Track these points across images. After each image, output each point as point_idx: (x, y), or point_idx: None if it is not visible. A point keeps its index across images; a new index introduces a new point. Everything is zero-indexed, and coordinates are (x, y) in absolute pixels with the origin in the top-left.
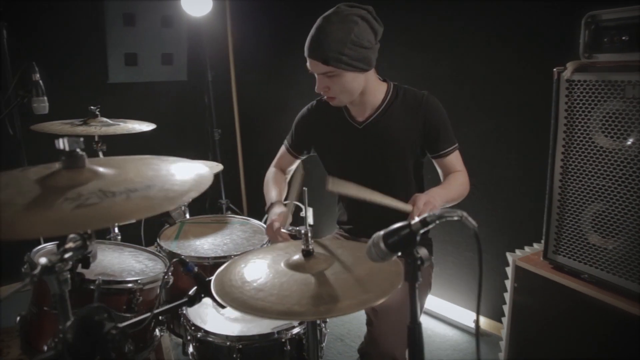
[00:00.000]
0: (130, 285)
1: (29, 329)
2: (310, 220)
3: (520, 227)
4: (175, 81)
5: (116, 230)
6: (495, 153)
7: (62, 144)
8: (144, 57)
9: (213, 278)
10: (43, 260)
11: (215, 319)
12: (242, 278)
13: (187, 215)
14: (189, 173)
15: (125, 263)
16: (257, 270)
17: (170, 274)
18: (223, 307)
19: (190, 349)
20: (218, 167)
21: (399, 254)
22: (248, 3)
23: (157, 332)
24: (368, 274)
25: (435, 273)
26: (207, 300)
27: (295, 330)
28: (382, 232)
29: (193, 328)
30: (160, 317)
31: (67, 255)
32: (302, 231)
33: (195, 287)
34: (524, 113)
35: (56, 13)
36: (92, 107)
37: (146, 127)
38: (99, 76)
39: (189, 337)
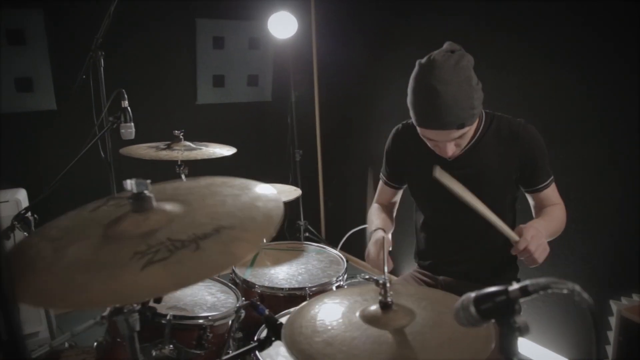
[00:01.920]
0: (201, 321)
1: (104, 356)
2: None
3: (628, 270)
4: (260, 102)
5: None
6: (596, 184)
7: (129, 185)
8: (231, 78)
9: (285, 323)
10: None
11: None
12: (313, 326)
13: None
14: (257, 203)
15: (197, 296)
16: (330, 318)
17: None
18: None
19: None
20: (297, 191)
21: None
22: (334, 23)
23: None
24: (454, 335)
25: (524, 311)
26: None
27: None
28: (473, 295)
29: None
30: None
31: None
32: (380, 281)
33: (265, 331)
34: (634, 140)
35: (149, 39)
36: (176, 131)
37: (227, 151)
38: (188, 98)
39: None
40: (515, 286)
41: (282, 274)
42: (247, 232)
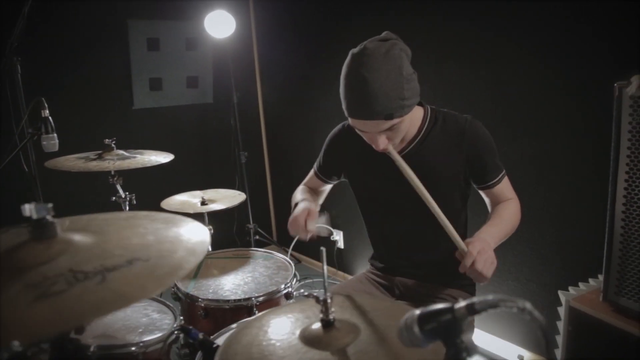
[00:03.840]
0: (132, 349)
1: None
2: (341, 244)
3: (575, 258)
4: (201, 104)
5: None
6: (544, 175)
7: (28, 210)
8: (168, 81)
9: (219, 349)
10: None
11: None
12: (249, 352)
13: (209, 248)
14: (181, 237)
15: (130, 318)
16: (270, 340)
17: (180, 327)
18: None
19: None
20: (241, 196)
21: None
22: (273, 23)
23: None
24: (401, 352)
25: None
26: None
27: None
28: (417, 313)
29: None
30: None
31: None
32: (321, 298)
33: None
34: (577, 132)
35: (78, 43)
36: (107, 140)
37: (164, 158)
38: (124, 103)
39: None
40: (461, 304)
41: (228, 284)
42: (163, 265)
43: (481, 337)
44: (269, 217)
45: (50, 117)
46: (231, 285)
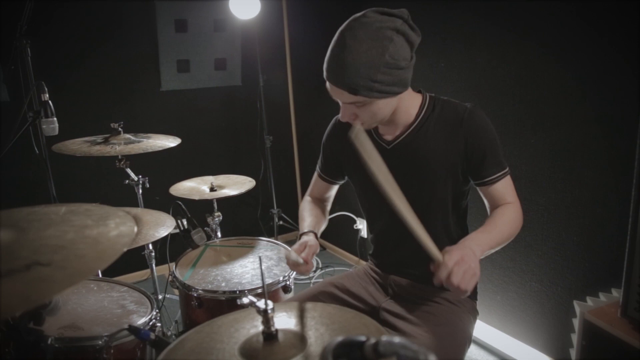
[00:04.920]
0: (96, 342)
1: None
2: (364, 233)
3: (604, 263)
4: (229, 86)
5: (150, 247)
6: (575, 170)
7: None
8: (196, 63)
9: (161, 354)
10: None
11: None
12: None
13: (219, 234)
14: (100, 238)
15: (104, 310)
16: (210, 349)
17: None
18: None
19: None
20: (251, 182)
21: None
22: (306, 3)
23: None
24: None
25: (497, 304)
26: None
27: None
28: (334, 343)
29: None
30: None
31: None
32: (262, 308)
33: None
34: (604, 125)
35: (105, 23)
36: (114, 124)
37: (172, 142)
38: (151, 85)
39: None
40: (372, 341)
41: (226, 274)
42: (62, 271)
43: (500, 338)
44: (296, 202)
45: (50, 101)
46: (229, 275)
